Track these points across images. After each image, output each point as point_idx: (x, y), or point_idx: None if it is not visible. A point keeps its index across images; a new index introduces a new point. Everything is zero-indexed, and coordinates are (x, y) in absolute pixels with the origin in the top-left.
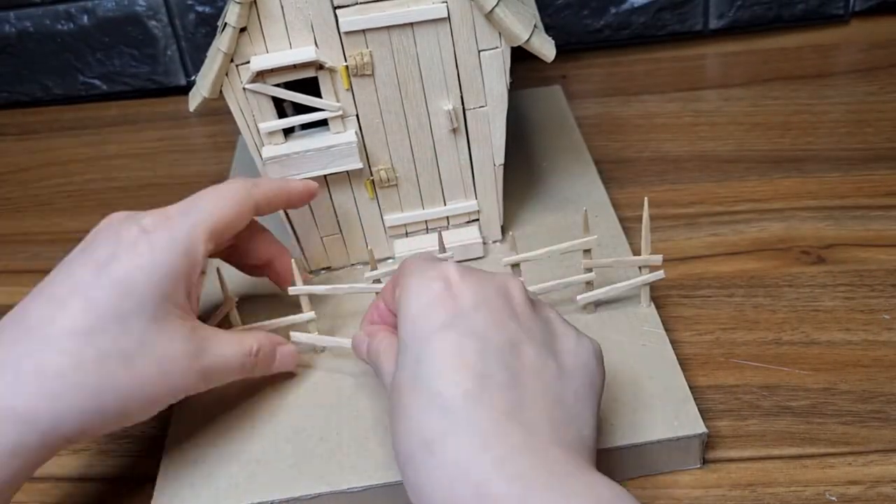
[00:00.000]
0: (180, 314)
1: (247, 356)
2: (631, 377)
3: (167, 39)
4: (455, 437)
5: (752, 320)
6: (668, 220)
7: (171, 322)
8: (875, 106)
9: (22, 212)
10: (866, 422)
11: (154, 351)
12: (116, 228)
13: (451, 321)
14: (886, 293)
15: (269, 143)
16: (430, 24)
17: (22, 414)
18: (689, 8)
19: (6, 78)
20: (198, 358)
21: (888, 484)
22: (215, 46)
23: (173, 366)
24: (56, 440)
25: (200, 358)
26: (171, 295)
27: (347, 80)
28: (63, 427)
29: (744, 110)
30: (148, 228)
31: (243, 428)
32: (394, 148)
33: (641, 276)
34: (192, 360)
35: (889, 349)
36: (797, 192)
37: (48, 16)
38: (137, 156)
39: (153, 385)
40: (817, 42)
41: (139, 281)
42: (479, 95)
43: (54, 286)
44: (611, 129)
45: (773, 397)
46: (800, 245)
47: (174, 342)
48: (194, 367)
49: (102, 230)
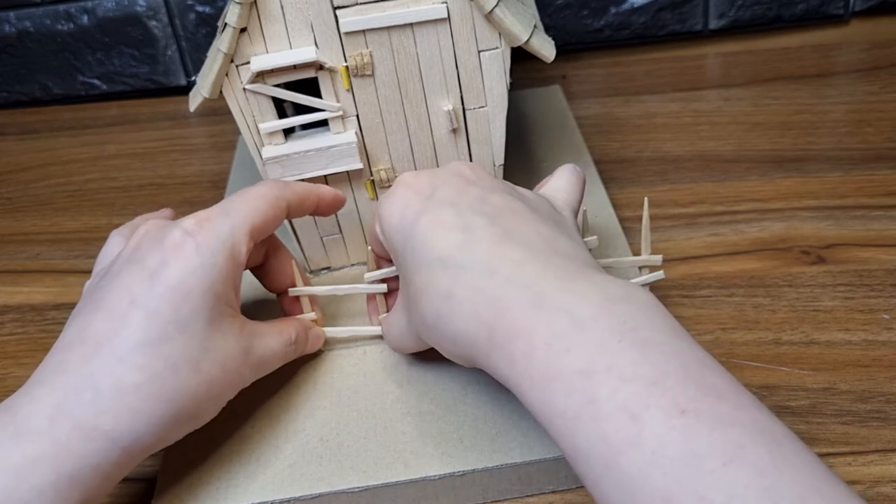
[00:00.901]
0: (231, 312)
1: (288, 345)
2: None
3: (167, 39)
4: (467, 275)
5: (752, 320)
6: (668, 220)
7: (226, 321)
8: (876, 106)
9: (22, 212)
10: (866, 422)
11: (216, 352)
12: (159, 235)
13: (422, 208)
14: (886, 293)
15: (269, 143)
16: (430, 24)
17: (107, 432)
18: (689, 8)
19: (6, 78)
20: (249, 353)
21: (888, 484)
22: (215, 47)
23: (233, 363)
24: (137, 452)
25: (252, 353)
26: (222, 294)
27: (347, 81)
28: (143, 439)
29: (744, 110)
30: (192, 231)
31: (243, 428)
32: (394, 148)
33: (641, 276)
34: (246, 356)
35: (889, 349)
36: (798, 191)
37: (48, 16)
38: (137, 156)
39: (220, 385)
40: (818, 42)
41: (192, 285)
42: (479, 96)
43: (112, 300)
44: (611, 129)
45: (773, 397)
46: (800, 245)
47: (229, 341)
48: (249, 363)
49: (145, 238)
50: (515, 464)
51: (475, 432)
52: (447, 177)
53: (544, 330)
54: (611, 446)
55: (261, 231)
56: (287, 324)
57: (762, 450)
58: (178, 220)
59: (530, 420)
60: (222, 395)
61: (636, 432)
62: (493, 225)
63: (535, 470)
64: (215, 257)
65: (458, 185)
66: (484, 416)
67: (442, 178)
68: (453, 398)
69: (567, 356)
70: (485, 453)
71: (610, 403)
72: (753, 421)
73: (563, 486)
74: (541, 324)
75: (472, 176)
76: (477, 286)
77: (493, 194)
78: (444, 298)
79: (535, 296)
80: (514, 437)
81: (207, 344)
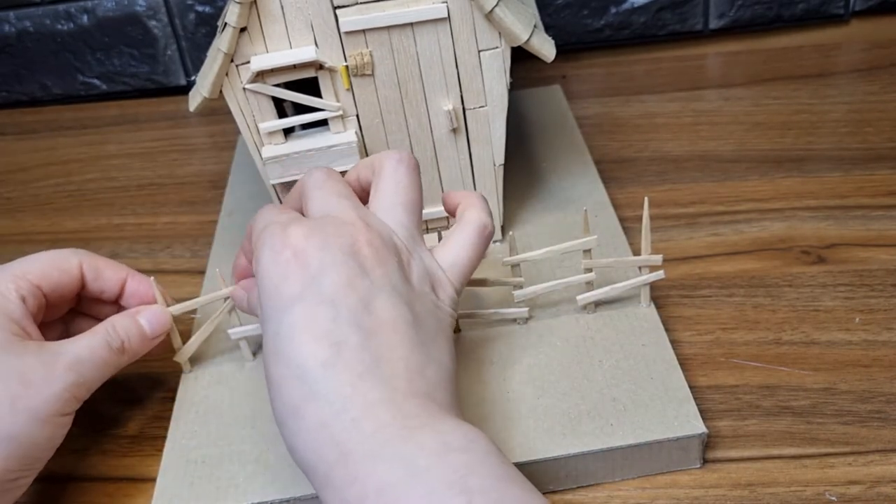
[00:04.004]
0: (22, 335)
1: (109, 333)
2: (631, 377)
3: (167, 39)
4: (316, 403)
5: (752, 320)
6: (668, 219)
7: (15, 344)
8: (876, 106)
9: (21, 211)
10: (866, 422)
11: (7, 373)
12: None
13: (301, 292)
14: (886, 293)
15: (269, 142)
16: (430, 24)
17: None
18: (689, 8)
19: (6, 78)
20: (59, 357)
21: (888, 484)
22: (215, 46)
23: (36, 374)
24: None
25: (60, 356)
26: (4, 325)
27: (347, 80)
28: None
29: (744, 110)
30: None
31: (243, 428)
32: (394, 148)
33: (641, 276)
34: (54, 363)
35: (889, 349)
36: (798, 191)
37: (48, 16)
38: (137, 155)
39: (25, 398)
40: (818, 42)
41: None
42: (479, 95)
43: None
44: (611, 129)
45: (773, 397)
46: (800, 245)
47: (25, 356)
48: (61, 365)
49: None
50: (515, 464)
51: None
52: (340, 256)
53: (378, 479)
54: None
55: (37, 277)
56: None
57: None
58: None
59: (530, 420)
60: (48, 403)
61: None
62: (363, 349)
63: (536, 470)
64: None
65: (348, 273)
66: (484, 416)
67: (333, 256)
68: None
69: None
70: None
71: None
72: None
73: (563, 486)
74: (376, 472)
75: (367, 258)
76: (324, 420)
77: (379, 297)
78: (292, 412)
79: (378, 445)
80: (514, 438)
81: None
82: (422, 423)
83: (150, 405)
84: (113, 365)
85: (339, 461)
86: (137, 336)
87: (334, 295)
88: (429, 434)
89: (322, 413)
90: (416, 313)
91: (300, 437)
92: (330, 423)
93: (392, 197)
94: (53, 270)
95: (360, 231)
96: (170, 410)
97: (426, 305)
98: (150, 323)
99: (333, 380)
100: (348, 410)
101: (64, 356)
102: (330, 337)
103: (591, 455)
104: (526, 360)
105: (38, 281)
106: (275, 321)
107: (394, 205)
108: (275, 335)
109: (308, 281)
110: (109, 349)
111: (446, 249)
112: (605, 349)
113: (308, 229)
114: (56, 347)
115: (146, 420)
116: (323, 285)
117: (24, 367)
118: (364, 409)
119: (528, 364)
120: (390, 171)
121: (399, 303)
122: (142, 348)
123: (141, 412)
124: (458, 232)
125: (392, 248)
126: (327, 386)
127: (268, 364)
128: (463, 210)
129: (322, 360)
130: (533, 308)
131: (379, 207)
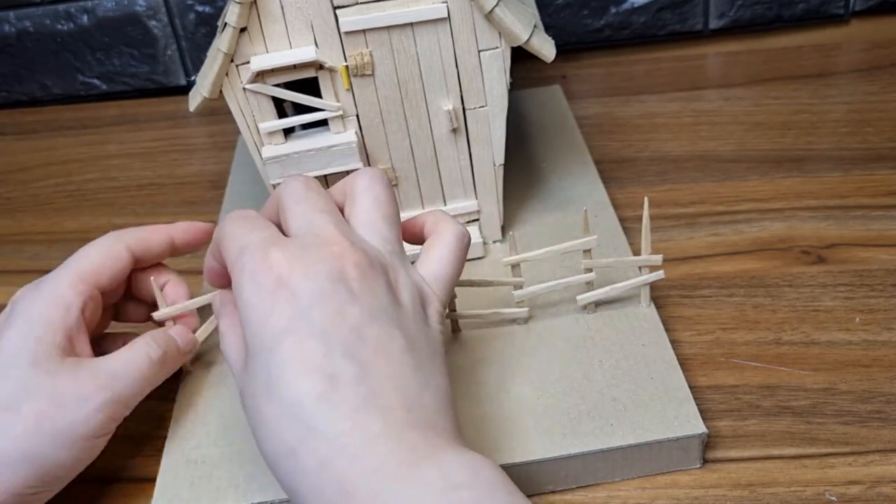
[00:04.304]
0: (59, 353)
1: (148, 345)
2: (631, 377)
3: (167, 39)
4: (314, 441)
5: (752, 320)
6: (668, 219)
7: (53, 362)
8: (876, 106)
9: (21, 212)
10: (866, 422)
11: (39, 390)
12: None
13: (290, 324)
14: (886, 293)
15: (269, 143)
16: (430, 24)
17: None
18: (689, 8)
19: (6, 78)
20: (96, 374)
21: (888, 484)
22: (215, 46)
23: (70, 396)
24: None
25: (99, 372)
26: (44, 339)
27: (347, 80)
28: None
29: (744, 110)
30: (15, 299)
31: (243, 428)
32: (394, 148)
33: (641, 276)
34: (92, 379)
35: (889, 349)
36: (798, 191)
37: (48, 16)
38: (137, 155)
39: (61, 419)
40: (818, 42)
41: (9, 345)
42: (479, 95)
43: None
44: (611, 129)
45: (773, 397)
46: (800, 245)
47: (60, 375)
48: (98, 383)
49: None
50: (515, 464)
51: (475, 433)
52: (328, 284)
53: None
54: None
55: (94, 274)
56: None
57: None
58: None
59: (530, 420)
60: (75, 426)
61: None
62: (359, 382)
63: (535, 470)
64: (31, 312)
65: (338, 301)
66: (483, 416)
67: (321, 285)
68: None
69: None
70: (485, 454)
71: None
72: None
73: (563, 486)
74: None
75: (354, 282)
76: (324, 458)
77: (371, 326)
78: (287, 453)
79: (380, 482)
80: (513, 438)
81: (28, 384)
82: (424, 455)
83: (151, 405)
84: (151, 379)
85: (341, 502)
86: (174, 348)
87: (325, 326)
88: (432, 469)
89: (321, 451)
90: (409, 336)
91: (297, 480)
92: (330, 462)
93: (372, 211)
94: (111, 263)
95: (345, 252)
96: (170, 410)
97: (417, 325)
98: (181, 337)
99: (331, 414)
100: (348, 447)
101: (98, 375)
102: (323, 370)
103: (591, 455)
104: (526, 360)
105: (96, 279)
106: (263, 357)
107: (374, 219)
108: (265, 371)
109: (296, 314)
110: (150, 361)
111: (428, 262)
112: (605, 349)
113: (290, 254)
114: (92, 365)
115: (146, 420)
116: (312, 317)
117: (57, 387)
118: (364, 444)
119: (527, 364)
120: (365, 188)
121: (391, 328)
122: (177, 362)
123: (141, 412)
124: (437, 244)
125: (378, 268)
126: (325, 421)
127: (258, 401)
128: (433, 225)
129: (317, 395)
130: (533, 308)
131: (359, 223)
